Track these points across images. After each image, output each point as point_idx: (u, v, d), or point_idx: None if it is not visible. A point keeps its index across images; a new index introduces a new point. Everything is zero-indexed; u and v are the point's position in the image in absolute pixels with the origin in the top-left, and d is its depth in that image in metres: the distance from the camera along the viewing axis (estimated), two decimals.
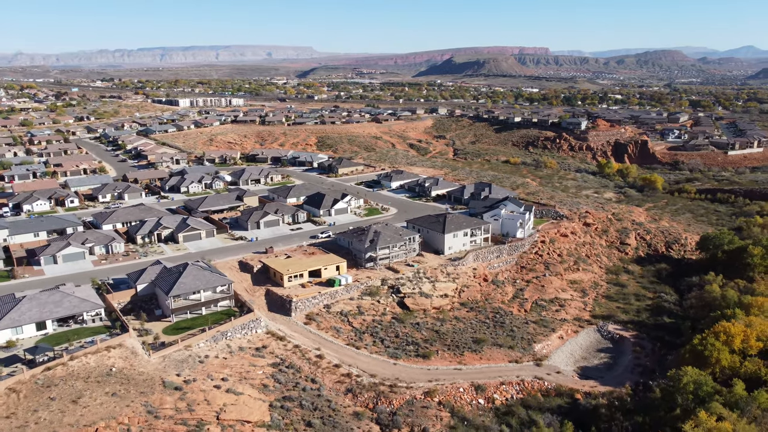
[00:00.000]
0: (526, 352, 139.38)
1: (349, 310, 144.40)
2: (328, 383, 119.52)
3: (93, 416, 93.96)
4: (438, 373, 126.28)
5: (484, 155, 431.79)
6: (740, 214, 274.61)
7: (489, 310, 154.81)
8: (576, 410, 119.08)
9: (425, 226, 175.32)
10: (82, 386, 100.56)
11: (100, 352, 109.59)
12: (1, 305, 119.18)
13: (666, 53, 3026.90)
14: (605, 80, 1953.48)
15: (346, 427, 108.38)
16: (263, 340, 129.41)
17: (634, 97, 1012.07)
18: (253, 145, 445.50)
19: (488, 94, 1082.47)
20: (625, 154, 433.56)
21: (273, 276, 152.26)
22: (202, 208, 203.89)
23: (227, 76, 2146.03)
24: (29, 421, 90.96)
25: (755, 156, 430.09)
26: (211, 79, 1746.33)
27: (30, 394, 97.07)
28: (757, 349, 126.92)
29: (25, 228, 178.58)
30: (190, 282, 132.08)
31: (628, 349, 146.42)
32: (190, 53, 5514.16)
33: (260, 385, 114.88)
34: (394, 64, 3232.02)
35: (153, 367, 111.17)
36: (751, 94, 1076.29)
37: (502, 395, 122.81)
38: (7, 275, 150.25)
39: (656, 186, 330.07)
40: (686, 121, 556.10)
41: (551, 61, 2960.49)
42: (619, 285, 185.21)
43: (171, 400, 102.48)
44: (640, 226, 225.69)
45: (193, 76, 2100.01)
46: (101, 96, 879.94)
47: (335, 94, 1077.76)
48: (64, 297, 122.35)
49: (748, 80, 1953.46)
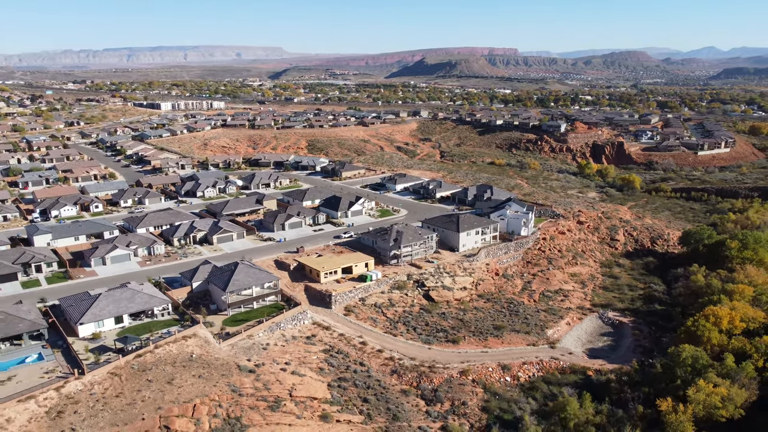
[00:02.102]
0: (540, 337, 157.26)
1: (381, 302, 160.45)
2: (375, 366, 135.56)
3: (188, 394, 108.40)
4: (468, 355, 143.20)
5: (469, 157, 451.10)
6: (713, 211, 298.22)
7: (503, 301, 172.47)
8: (590, 385, 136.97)
9: (440, 226, 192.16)
10: (171, 370, 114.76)
11: (178, 342, 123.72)
12: (79, 302, 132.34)
13: (631, 54, 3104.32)
14: (574, 81, 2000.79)
15: (397, 402, 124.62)
16: (311, 329, 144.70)
17: (604, 98, 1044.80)
18: (246, 149, 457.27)
19: (463, 96, 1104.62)
20: (602, 155, 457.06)
21: (309, 273, 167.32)
22: (225, 212, 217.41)
23: (199, 77, 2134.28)
24: (136, 399, 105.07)
25: (723, 156, 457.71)
26: (183, 80, 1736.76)
27: (130, 377, 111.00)
28: (741, 329, 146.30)
29: (66, 232, 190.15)
30: (242, 279, 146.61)
31: (628, 332, 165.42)
32: (158, 53, 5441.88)
33: (317, 368, 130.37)
34: (365, 65, 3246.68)
35: (225, 353, 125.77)
36: (714, 94, 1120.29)
37: (525, 373, 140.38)
38: (63, 276, 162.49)
39: (635, 185, 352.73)
40: (657, 123, 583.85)
41: (520, 61, 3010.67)
42: (613, 277, 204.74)
43: (249, 381, 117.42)
44: (627, 223, 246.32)
45: (164, 77, 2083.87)
46: (78, 99, 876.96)
47: (312, 96, 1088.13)
48: (135, 294, 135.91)
49: (710, 80, 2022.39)
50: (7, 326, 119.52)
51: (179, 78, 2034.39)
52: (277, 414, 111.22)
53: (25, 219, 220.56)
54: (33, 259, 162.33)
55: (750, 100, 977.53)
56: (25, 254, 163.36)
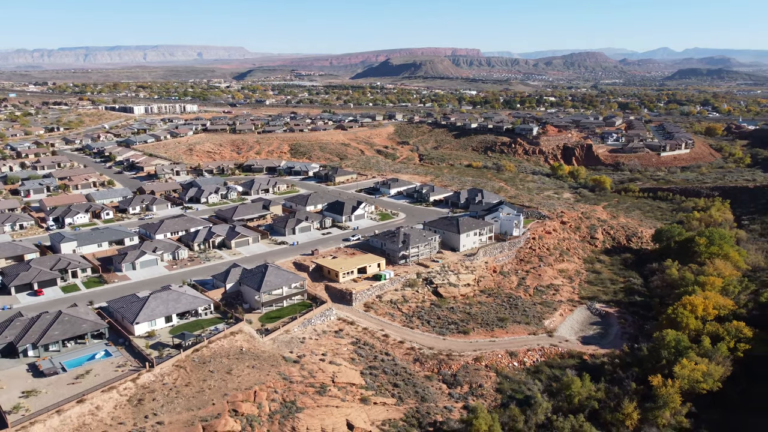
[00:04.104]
0: (539, 327, 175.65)
1: (396, 299, 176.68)
2: (399, 355, 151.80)
3: (248, 382, 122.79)
4: (479, 344, 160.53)
5: (447, 160, 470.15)
6: (679, 209, 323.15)
7: (503, 296, 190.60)
8: (586, 367, 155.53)
9: (441, 228, 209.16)
10: (227, 362, 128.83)
11: (227, 337, 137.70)
12: (129, 304, 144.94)
13: (590, 55, 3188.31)
14: (536, 81, 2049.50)
15: (423, 386, 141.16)
16: (338, 324, 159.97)
17: (567, 99, 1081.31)
18: (231, 154, 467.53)
19: (431, 98, 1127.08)
20: (572, 156, 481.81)
21: (327, 273, 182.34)
22: (236, 217, 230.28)
23: (161, 78, 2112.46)
24: (203, 388, 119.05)
25: (683, 157, 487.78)
26: (147, 82, 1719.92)
27: (193, 369, 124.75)
28: (713, 315, 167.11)
29: (90, 239, 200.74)
30: (273, 280, 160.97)
31: (614, 321, 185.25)
32: (116, 53, 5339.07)
33: (349, 359, 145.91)
34: (330, 65, 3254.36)
35: (269, 347, 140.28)
36: (670, 95, 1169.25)
37: (530, 358, 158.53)
38: (99, 280, 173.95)
39: (605, 186, 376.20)
40: (621, 125, 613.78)
41: (483, 62, 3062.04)
42: (596, 272, 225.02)
43: (296, 370, 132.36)
44: (604, 222, 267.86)
45: (125, 78, 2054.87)
46: (44, 102, 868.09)
47: (283, 98, 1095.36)
48: (180, 295, 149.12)
49: (666, 81, 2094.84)
50: (72, 327, 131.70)
51: (141, 79, 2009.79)
52: (325, 398, 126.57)
53: (40, 227, 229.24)
54: (69, 265, 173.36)
55: (704, 101, 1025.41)
56: (60, 261, 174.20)
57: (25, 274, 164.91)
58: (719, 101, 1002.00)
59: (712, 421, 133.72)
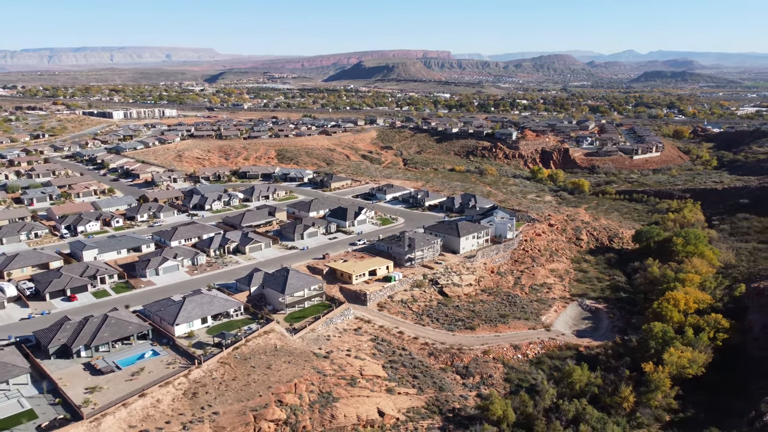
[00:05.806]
0: (537, 322, 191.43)
1: (406, 299, 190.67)
2: (415, 350, 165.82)
3: (287, 376, 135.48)
4: (485, 339, 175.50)
5: (431, 164, 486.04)
6: (654, 211, 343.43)
7: (502, 294, 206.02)
8: (583, 358, 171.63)
9: (442, 232, 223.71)
10: (266, 358, 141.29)
11: (261, 336, 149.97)
12: (166, 307, 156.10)
13: (558, 57, 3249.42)
14: (507, 84, 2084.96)
15: (439, 377, 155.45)
16: (356, 323, 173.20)
17: (540, 102, 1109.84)
18: (219, 160, 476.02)
19: (407, 101, 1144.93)
20: (550, 160, 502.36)
21: (341, 276, 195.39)
22: (244, 224, 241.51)
23: (131, 81, 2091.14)
24: (249, 381, 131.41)
25: (654, 159, 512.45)
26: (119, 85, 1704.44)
27: (236, 365, 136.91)
28: (694, 309, 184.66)
29: (109, 247, 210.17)
30: (295, 282, 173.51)
31: (604, 316, 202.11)
32: (82, 54, 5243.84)
33: (371, 354, 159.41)
34: (301, 68, 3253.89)
35: (299, 344, 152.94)
36: (638, 98, 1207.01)
37: (532, 351, 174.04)
38: (126, 286, 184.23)
39: (584, 189, 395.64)
40: (594, 128, 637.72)
41: (455, 65, 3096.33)
42: (583, 271, 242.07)
43: (327, 364, 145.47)
44: (588, 224, 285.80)
45: (93, 80, 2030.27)
46: (18, 107, 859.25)
47: (260, 102, 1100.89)
48: (213, 298, 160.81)
49: (632, 83, 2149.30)
50: (120, 329, 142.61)
51: (111, 81, 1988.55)
52: (356, 389, 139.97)
53: (54, 235, 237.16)
54: (98, 272, 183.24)
55: (670, 103, 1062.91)
56: (89, 268, 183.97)
57: (57, 281, 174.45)
58: (684, 104, 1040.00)
59: (698, 402, 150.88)
